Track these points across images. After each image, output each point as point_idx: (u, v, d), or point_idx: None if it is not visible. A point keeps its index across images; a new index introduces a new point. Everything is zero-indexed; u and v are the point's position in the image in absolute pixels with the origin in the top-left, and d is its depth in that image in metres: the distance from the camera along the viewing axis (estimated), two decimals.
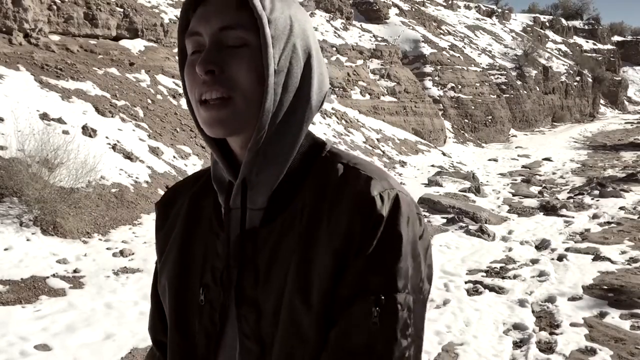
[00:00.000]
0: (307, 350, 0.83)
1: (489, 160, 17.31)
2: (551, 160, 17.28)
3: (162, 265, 1.00)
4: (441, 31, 28.41)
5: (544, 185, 12.94)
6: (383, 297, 0.80)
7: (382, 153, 14.54)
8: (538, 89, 29.51)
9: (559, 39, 44.13)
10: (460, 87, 22.58)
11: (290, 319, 0.83)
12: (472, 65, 25.10)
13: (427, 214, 8.97)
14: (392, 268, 0.81)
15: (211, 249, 0.92)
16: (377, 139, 15.52)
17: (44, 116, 7.57)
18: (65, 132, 7.34)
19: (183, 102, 10.97)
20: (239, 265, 0.87)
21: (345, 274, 0.81)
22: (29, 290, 4.70)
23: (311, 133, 0.93)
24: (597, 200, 10.47)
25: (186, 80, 0.88)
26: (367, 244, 0.80)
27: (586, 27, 50.46)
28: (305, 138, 0.91)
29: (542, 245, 7.53)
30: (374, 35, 22.23)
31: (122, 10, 11.63)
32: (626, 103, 44.24)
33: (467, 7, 39.08)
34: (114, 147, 7.85)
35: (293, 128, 0.88)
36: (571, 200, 10.69)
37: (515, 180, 13.66)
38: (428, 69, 22.52)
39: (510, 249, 7.32)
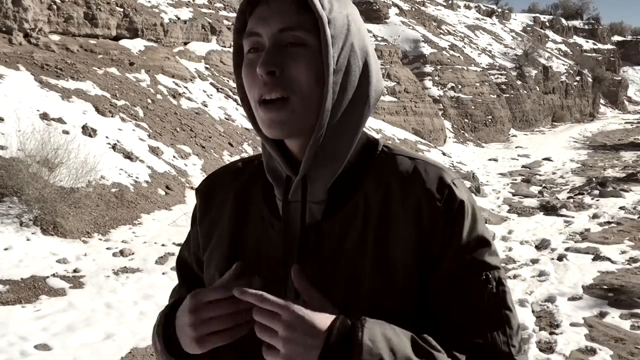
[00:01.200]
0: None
1: (489, 160, 17.31)
2: (551, 160, 17.28)
3: (210, 253, 1.01)
4: (441, 31, 28.41)
5: (544, 185, 12.94)
6: (491, 276, 0.88)
7: None
8: (538, 89, 29.51)
9: (559, 38, 44.13)
10: (460, 86, 22.58)
11: (372, 304, 0.86)
12: (472, 65, 25.10)
13: None
14: (490, 248, 0.90)
15: (265, 238, 0.94)
16: None
17: (44, 116, 7.57)
18: (66, 132, 7.34)
19: (183, 101, 10.97)
20: (301, 258, 0.89)
21: (440, 255, 0.87)
22: (29, 290, 4.70)
23: (363, 130, 0.96)
24: (597, 200, 10.47)
25: (245, 80, 0.90)
26: (457, 227, 0.87)
27: (586, 27, 50.47)
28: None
29: (542, 245, 7.52)
30: (374, 35, 22.23)
31: (122, 10, 11.63)
32: (626, 103, 44.23)
33: (467, 7, 39.08)
34: (114, 147, 7.85)
35: (351, 126, 0.90)
36: (571, 200, 10.69)
37: (515, 180, 13.66)
38: (428, 68, 22.52)
39: (510, 249, 7.32)
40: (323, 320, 0.78)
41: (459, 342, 0.85)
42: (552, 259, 6.89)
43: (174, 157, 8.80)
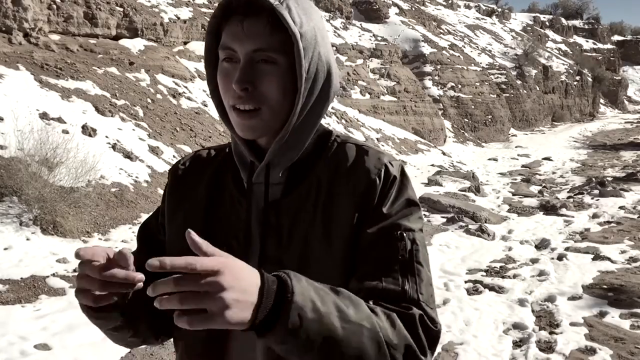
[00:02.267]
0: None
1: (489, 159, 17.31)
2: (551, 160, 17.28)
3: (178, 225, 1.10)
4: (441, 30, 28.40)
5: (543, 184, 12.94)
6: (405, 235, 1.00)
7: None
8: (538, 89, 29.51)
9: (558, 38, 44.12)
10: (460, 86, 22.57)
11: (318, 268, 0.97)
12: (472, 64, 25.09)
13: (427, 213, 8.96)
14: (410, 215, 1.03)
15: (234, 215, 1.07)
16: (377, 139, 15.52)
17: (44, 115, 7.57)
18: (65, 132, 7.34)
19: (183, 101, 10.97)
20: (264, 231, 1.02)
21: (369, 221, 1.00)
22: (28, 289, 4.70)
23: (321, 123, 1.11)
24: (597, 200, 10.46)
25: (220, 85, 1.02)
26: (385, 196, 1.02)
27: (586, 26, 50.45)
28: None
29: (542, 245, 7.52)
30: (373, 35, 22.22)
31: (121, 9, 11.62)
32: (626, 102, 44.22)
33: (467, 7, 39.07)
34: (113, 147, 7.85)
35: (312, 123, 1.05)
36: (571, 200, 10.69)
37: (515, 179, 13.66)
38: (428, 68, 22.51)
39: (510, 249, 7.32)
40: (252, 275, 0.79)
41: (370, 288, 0.96)
42: (552, 258, 6.89)
43: (173, 156, 8.80)
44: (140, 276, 0.91)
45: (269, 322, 0.78)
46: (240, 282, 0.76)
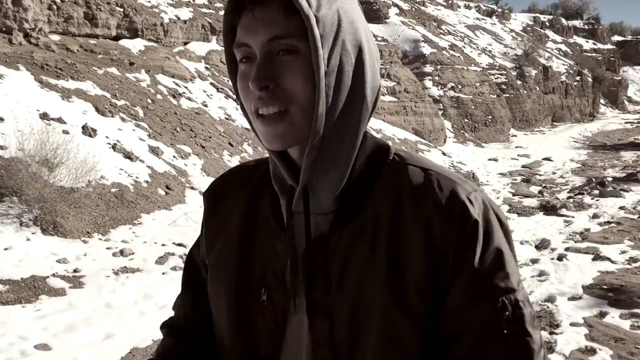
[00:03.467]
0: (407, 356, 0.83)
1: (489, 160, 17.31)
2: (551, 160, 17.28)
3: (216, 261, 0.99)
4: (441, 31, 28.41)
5: (544, 185, 12.94)
6: (507, 301, 0.81)
7: None
8: (538, 89, 29.51)
9: (559, 38, 44.12)
10: (460, 86, 22.58)
11: (388, 331, 0.82)
12: (472, 65, 25.10)
13: None
14: (504, 269, 0.82)
15: (271, 249, 0.91)
16: None
17: (44, 116, 7.57)
18: (65, 132, 7.34)
19: (183, 101, 10.98)
20: (309, 273, 0.86)
21: (454, 282, 0.81)
22: (29, 289, 4.70)
23: (373, 135, 0.92)
24: (597, 200, 10.46)
25: (240, 92, 0.86)
26: (470, 249, 0.81)
27: (586, 26, 50.45)
28: (367, 140, 0.89)
29: (542, 245, 7.52)
30: (373, 35, 22.19)
31: (122, 10, 11.63)
32: (626, 103, 44.21)
33: (467, 7, 39.07)
34: (114, 147, 7.85)
35: (350, 129, 0.85)
36: (571, 200, 10.68)
37: (515, 180, 13.66)
38: (428, 68, 22.51)
39: None
40: None
41: None
42: (552, 258, 6.89)
43: (174, 157, 8.80)
44: None
45: None
46: None
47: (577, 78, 35.01)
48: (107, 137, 8.00)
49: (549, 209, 9.68)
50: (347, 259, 0.84)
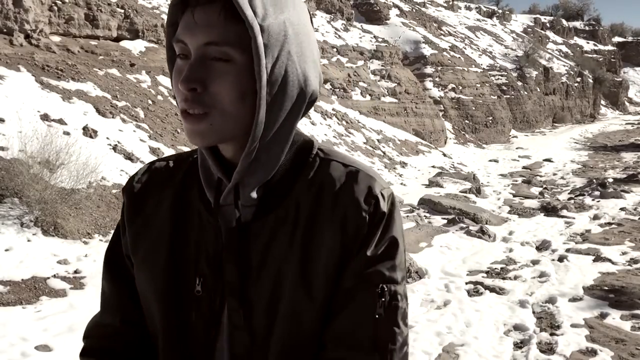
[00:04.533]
0: (306, 341, 0.89)
1: (490, 161, 17.31)
2: (552, 161, 17.28)
3: (144, 255, 0.98)
4: (442, 32, 28.41)
5: (544, 186, 12.94)
6: (386, 289, 0.88)
7: (382, 154, 14.54)
8: (539, 90, 29.50)
9: (559, 39, 44.11)
10: (460, 87, 22.58)
11: (291, 311, 0.88)
12: (473, 66, 25.09)
13: (427, 214, 8.96)
14: (393, 261, 0.89)
15: (204, 239, 0.93)
16: (378, 140, 15.52)
17: (45, 117, 7.58)
18: (66, 133, 7.34)
19: None
20: (232, 259, 0.89)
21: (349, 266, 0.88)
22: (29, 291, 4.70)
23: (299, 131, 0.95)
24: (598, 201, 10.46)
25: (173, 85, 0.88)
26: (371, 238, 0.88)
27: (587, 28, 50.43)
28: (294, 137, 0.94)
29: (542, 246, 7.52)
30: (374, 36, 22.23)
31: (122, 11, 11.64)
32: (627, 104, 44.20)
33: (468, 8, 39.08)
34: (114, 148, 7.85)
35: (285, 134, 0.89)
36: (572, 201, 10.68)
37: (516, 181, 13.66)
38: (429, 69, 22.51)
39: (510, 250, 7.32)
40: None
41: (335, 351, 0.88)
42: (553, 260, 6.89)
43: None
44: None
45: None
46: None
47: (578, 79, 35.00)
48: (107, 138, 8.01)
49: (549, 210, 9.67)
50: (268, 247, 0.89)
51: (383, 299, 0.87)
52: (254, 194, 0.90)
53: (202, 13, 0.81)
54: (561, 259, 6.87)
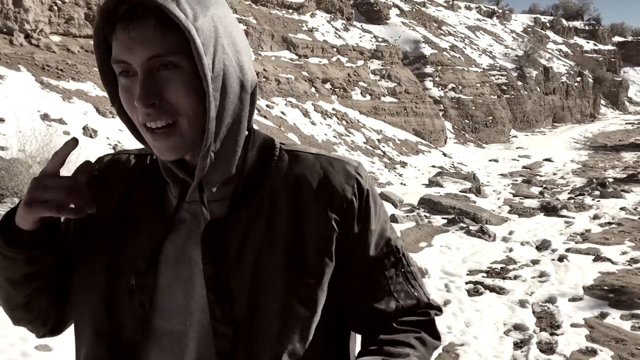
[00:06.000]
0: (300, 323, 0.92)
1: (490, 160, 17.31)
2: (552, 161, 17.28)
3: (85, 240, 0.99)
4: (442, 32, 28.42)
5: (544, 185, 12.94)
6: (396, 245, 1.01)
7: (382, 154, 14.54)
8: (539, 90, 29.50)
9: (559, 39, 44.12)
10: (460, 87, 22.58)
11: (283, 296, 0.91)
12: (473, 65, 25.10)
13: (427, 214, 8.96)
14: (388, 221, 1.03)
15: (144, 235, 0.95)
16: (378, 140, 15.52)
17: (45, 117, 7.58)
18: (66, 133, 7.35)
19: None
20: (207, 253, 0.91)
21: (359, 241, 0.97)
22: None
23: (258, 130, 1.01)
24: (598, 201, 10.46)
25: (124, 104, 0.88)
26: (367, 213, 0.97)
27: (587, 27, 50.45)
28: (254, 134, 0.99)
29: (542, 246, 7.52)
30: (374, 36, 22.23)
31: None
32: (627, 104, 44.22)
33: (468, 8, 39.08)
34: (114, 148, 7.85)
35: (235, 125, 0.92)
36: (572, 201, 10.68)
37: (516, 180, 13.66)
38: (429, 69, 22.51)
39: (510, 250, 7.32)
40: None
41: (393, 311, 0.99)
42: (553, 259, 6.89)
43: None
44: (93, 203, 0.91)
45: None
46: None
47: (578, 79, 35.01)
48: (107, 137, 8.01)
49: (549, 210, 9.67)
50: (245, 238, 0.92)
51: (398, 254, 1.01)
52: (219, 189, 0.93)
53: (137, 29, 0.82)
54: (561, 258, 6.87)
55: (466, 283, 6.00)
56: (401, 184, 12.13)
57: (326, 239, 0.93)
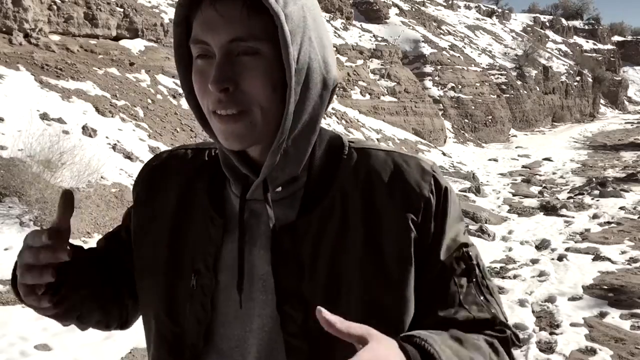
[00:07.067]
0: (390, 326, 0.83)
1: (489, 160, 17.31)
2: (551, 160, 17.29)
3: (149, 244, 0.97)
4: (441, 31, 28.42)
5: (544, 185, 12.95)
6: (471, 253, 0.91)
7: None
8: (538, 89, 29.51)
9: (559, 39, 44.13)
10: (460, 87, 22.58)
11: (369, 302, 0.84)
12: (472, 65, 25.10)
13: None
14: (463, 228, 0.93)
15: (204, 234, 0.91)
16: (377, 139, 15.53)
17: (44, 116, 7.57)
18: (65, 132, 7.34)
19: (183, 102, 10.97)
20: (276, 259, 0.86)
21: (433, 244, 0.88)
22: None
23: (324, 128, 0.94)
24: (597, 200, 10.47)
25: (196, 88, 0.84)
26: (444, 214, 0.89)
27: (586, 27, 50.47)
28: (322, 131, 0.92)
29: (542, 245, 7.53)
30: (374, 35, 22.23)
31: (122, 10, 11.63)
32: (626, 103, 44.24)
33: (467, 7, 39.09)
34: (114, 147, 7.85)
35: (311, 123, 0.86)
36: (571, 200, 10.69)
37: (516, 180, 13.66)
38: (428, 69, 22.52)
39: (510, 249, 7.32)
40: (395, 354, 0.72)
41: (463, 320, 0.87)
42: (552, 259, 6.90)
43: None
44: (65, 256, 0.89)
45: None
46: None
47: (577, 78, 35.02)
48: (107, 137, 8.00)
49: (549, 209, 9.68)
50: (318, 242, 0.85)
51: (472, 262, 0.90)
52: (284, 189, 0.88)
53: (224, 7, 0.78)
54: (560, 258, 6.87)
55: None
56: None
57: (404, 242, 0.85)
